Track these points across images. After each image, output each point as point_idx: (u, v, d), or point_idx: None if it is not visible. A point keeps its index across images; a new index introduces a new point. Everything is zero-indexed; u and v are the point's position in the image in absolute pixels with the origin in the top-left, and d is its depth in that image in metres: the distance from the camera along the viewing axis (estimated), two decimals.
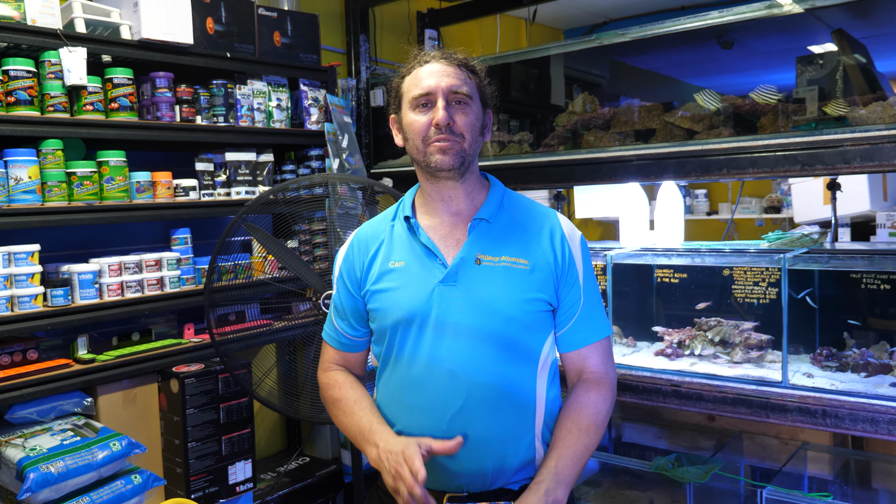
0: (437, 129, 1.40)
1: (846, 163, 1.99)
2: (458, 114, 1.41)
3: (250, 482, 2.59)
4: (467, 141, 1.42)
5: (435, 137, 1.40)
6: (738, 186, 5.44)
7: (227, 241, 2.37)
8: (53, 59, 2.22)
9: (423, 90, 1.41)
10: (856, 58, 2.14)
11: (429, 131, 1.41)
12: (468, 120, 1.42)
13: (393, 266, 1.47)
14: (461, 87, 1.42)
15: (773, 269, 2.37)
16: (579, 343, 1.48)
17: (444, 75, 1.42)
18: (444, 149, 1.40)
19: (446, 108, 1.40)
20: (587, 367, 1.49)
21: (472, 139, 1.43)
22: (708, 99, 2.41)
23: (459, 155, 1.41)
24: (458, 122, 1.41)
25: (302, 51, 3.00)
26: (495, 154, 2.93)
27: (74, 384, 2.23)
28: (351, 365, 1.62)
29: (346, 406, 1.51)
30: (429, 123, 1.41)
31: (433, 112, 1.41)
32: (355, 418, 1.48)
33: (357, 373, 1.62)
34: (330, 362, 1.62)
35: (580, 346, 1.48)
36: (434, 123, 1.40)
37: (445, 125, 1.39)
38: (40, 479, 1.90)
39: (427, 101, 1.41)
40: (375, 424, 1.44)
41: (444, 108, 1.40)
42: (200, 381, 2.43)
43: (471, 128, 1.43)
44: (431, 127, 1.40)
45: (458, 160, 1.41)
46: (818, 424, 2.00)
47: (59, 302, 2.23)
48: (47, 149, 2.21)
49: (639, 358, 2.47)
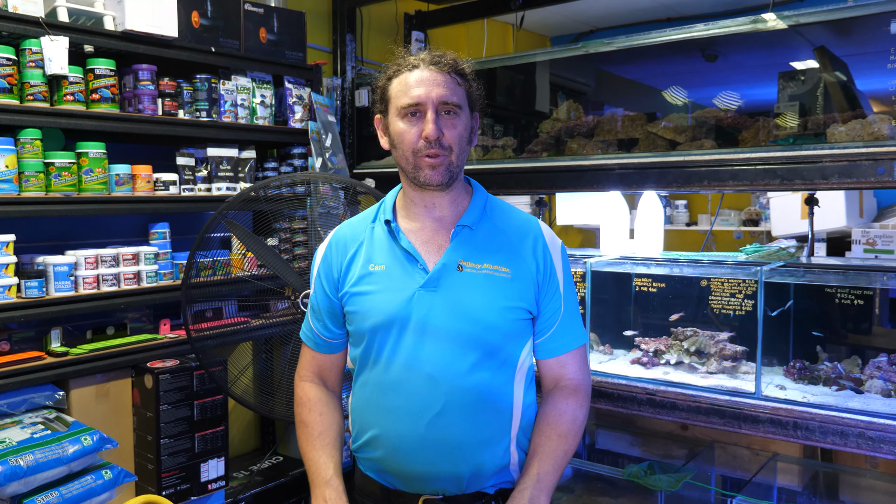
0: (427, 142, 1.39)
1: (824, 178, 2.02)
2: (447, 126, 1.40)
3: (223, 480, 2.57)
4: (455, 154, 1.42)
5: (425, 152, 1.40)
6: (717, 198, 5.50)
7: (206, 237, 2.35)
8: (34, 47, 2.19)
9: (413, 100, 1.39)
10: (837, 75, 2.18)
11: (418, 144, 1.40)
12: (457, 133, 1.41)
13: (373, 269, 1.46)
14: (451, 97, 1.41)
15: (749, 281, 2.39)
16: (558, 351, 1.49)
17: (433, 84, 1.40)
18: (433, 165, 1.40)
19: (436, 122, 1.39)
20: (565, 374, 1.50)
21: (459, 151, 1.42)
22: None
23: (448, 170, 1.41)
24: (448, 135, 1.40)
25: (288, 48, 2.98)
26: (479, 158, 2.94)
27: (46, 377, 2.20)
28: (328, 369, 1.60)
29: (310, 435, 1.51)
30: (418, 136, 1.40)
31: (423, 124, 1.40)
32: (314, 455, 1.49)
33: (333, 379, 1.61)
34: (307, 369, 1.61)
35: (558, 353, 1.49)
36: (424, 137, 1.39)
37: (435, 139, 1.39)
38: (9, 473, 1.87)
39: (416, 111, 1.40)
40: (332, 473, 1.45)
41: (433, 121, 1.39)
42: (175, 377, 2.41)
43: (459, 140, 1.42)
44: (421, 140, 1.40)
45: (447, 176, 1.41)
46: (789, 436, 2.02)
47: (34, 293, 2.19)
48: (25, 138, 2.18)
49: (615, 366, 2.49)
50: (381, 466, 1.46)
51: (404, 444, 1.41)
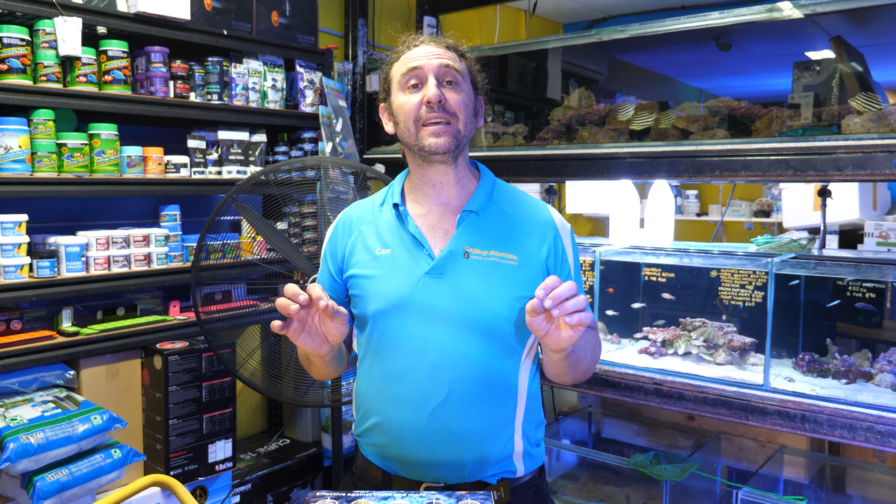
0: (429, 107, 1.37)
1: (838, 170, 2.01)
2: (449, 92, 1.39)
3: (230, 461, 2.59)
4: (461, 121, 1.39)
5: (427, 117, 1.37)
6: (728, 189, 5.47)
7: (216, 220, 2.35)
8: (48, 28, 2.19)
9: (413, 66, 1.39)
10: (853, 66, 2.15)
11: (420, 111, 1.38)
12: (461, 99, 1.39)
13: (379, 253, 1.45)
14: (452, 63, 1.40)
15: (760, 272, 2.38)
16: None
17: (433, 54, 1.40)
18: (437, 132, 1.37)
19: (438, 86, 1.37)
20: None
21: (465, 119, 1.40)
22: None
23: (454, 137, 1.39)
24: (451, 100, 1.38)
25: (299, 32, 2.98)
26: (489, 145, 2.93)
27: (57, 356, 2.22)
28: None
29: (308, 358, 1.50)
30: (420, 103, 1.38)
31: (424, 90, 1.38)
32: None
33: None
34: None
35: None
36: (425, 101, 1.37)
37: (437, 102, 1.36)
38: (20, 450, 1.90)
39: (417, 81, 1.39)
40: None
41: (435, 84, 1.37)
42: (184, 358, 2.42)
43: (464, 107, 1.40)
44: (423, 106, 1.37)
45: (453, 142, 1.39)
46: (797, 429, 2.02)
47: (45, 273, 2.21)
48: (38, 119, 2.19)
49: (623, 355, 2.48)
50: (383, 452, 1.46)
51: (407, 433, 1.40)
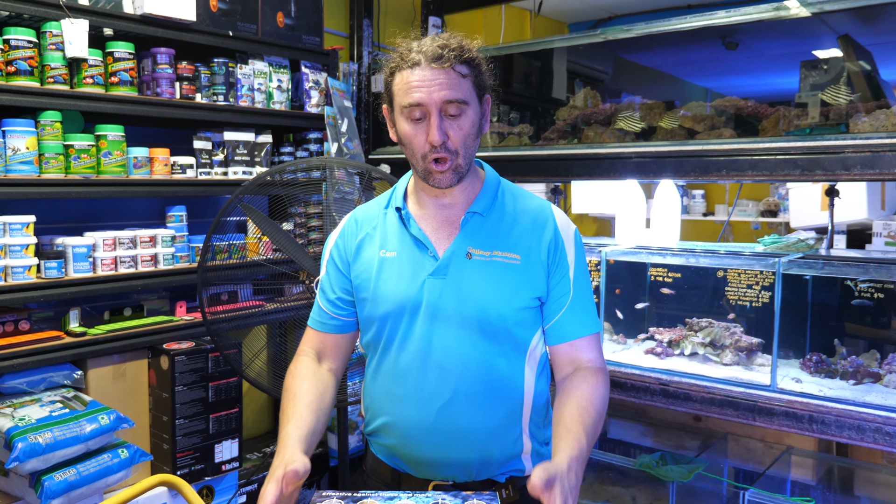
0: (433, 147, 1.37)
1: (846, 169, 1.99)
2: (452, 128, 1.37)
3: (236, 461, 2.59)
4: (461, 156, 1.39)
5: (432, 156, 1.38)
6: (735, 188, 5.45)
7: (222, 221, 2.36)
8: (55, 30, 2.20)
9: (415, 101, 1.36)
10: (861, 64, 2.14)
11: (425, 148, 1.38)
12: (463, 133, 1.38)
13: (384, 255, 1.46)
14: (454, 95, 1.36)
15: (767, 272, 2.37)
16: (569, 335, 1.46)
17: (435, 85, 1.35)
18: (441, 170, 1.38)
19: (439, 126, 1.35)
20: (582, 357, 1.46)
21: (465, 152, 1.40)
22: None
23: (456, 173, 1.40)
24: (453, 137, 1.37)
25: (305, 32, 2.98)
26: (494, 145, 2.93)
27: (65, 356, 2.23)
28: (330, 348, 1.57)
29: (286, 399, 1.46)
30: (424, 140, 1.38)
31: (427, 128, 1.37)
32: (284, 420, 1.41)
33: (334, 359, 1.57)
34: (307, 345, 1.57)
35: (571, 338, 1.46)
36: (429, 142, 1.37)
37: (441, 144, 1.36)
38: (28, 449, 1.90)
39: (420, 114, 1.37)
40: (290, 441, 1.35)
41: (437, 126, 1.35)
42: (190, 358, 2.43)
43: (464, 140, 1.39)
44: (427, 144, 1.38)
45: (455, 178, 1.40)
46: (804, 429, 2.01)
47: (53, 274, 2.22)
48: (46, 120, 2.20)
49: (629, 355, 2.48)
50: (392, 452, 1.47)
51: (414, 432, 1.42)
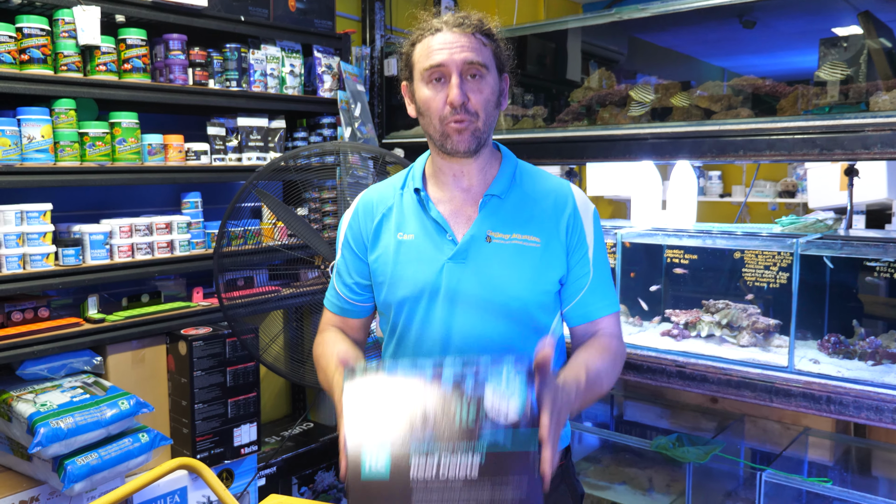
0: (452, 108, 1.36)
1: (866, 148, 1.96)
2: (472, 90, 1.37)
3: (255, 445, 2.62)
4: (482, 119, 1.38)
5: (451, 118, 1.36)
6: (752, 169, 5.39)
7: (237, 207, 2.37)
8: (67, 17, 2.20)
9: (436, 63, 1.36)
10: (881, 41, 2.10)
11: (444, 111, 1.37)
12: (483, 97, 1.37)
13: (402, 238, 1.45)
14: (476, 57, 1.36)
15: (784, 253, 2.35)
16: (590, 316, 1.46)
17: (457, 46, 1.36)
18: (460, 130, 1.36)
19: (461, 86, 1.35)
20: (602, 331, 1.47)
21: (486, 116, 1.39)
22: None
23: (475, 137, 1.38)
24: (473, 99, 1.36)
25: (317, 17, 2.97)
26: (508, 128, 2.91)
27: (84, 343, 2.25)
28: (350, 328, 1.58)
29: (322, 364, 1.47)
30: (444, 102, 1.36)
31: (447, 89, 1.36)
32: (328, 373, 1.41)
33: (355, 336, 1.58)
34: (327, 324, 1.59)
35: (592, 318, 1.46)
36: (448, 103, 1.35)
37: (460, 104, 1.35)
38: (50, 434, 1.93)
39: (440, 76, 1.37)
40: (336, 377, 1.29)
41: (458, 85, 1.35)
42: (208, 344, 2.45)
43: (486, 104, 1.38)
44: (447, 106, 1.36)
45: (474, 143, 1.38)
46: (822, 410, 2.00)
47: (71, 261, 2.24)
48: (60, 108, 2.21)
49: (645, 337, 2.47)
50: None
51: None
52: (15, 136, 2.11)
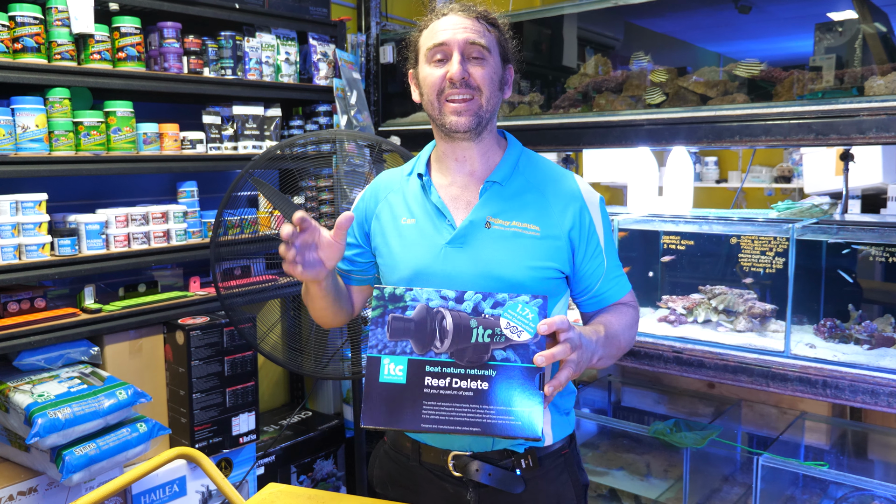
0: (452, 83, 1.36)
1: (861, 133, 1.97)
2: (474, 67, 1.37)
3: (253, 434, 2.63)
4: (484, 96, 1.38)
5: (449, 92, 1.37)
6: (748, 155, 5.39)
7: (233, 196, 2.36)
8: (60, 5, 2.19)
9: (438, 41, 1.37)
10: (876, 26, 2.10)
11: (443, 84, 1.37)
12: (485, 73, 1.38)
13: (404, 223, 1.47)
14: (478, 39, 1.37)
15: (780, 238, 2.35)
16: (607, 301, 1.50)
17: (460, 27, 1.37)
18: (459, 110, 1.37)
19: (462, 63, 1.36)
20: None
21: (489, 94, 1.39)
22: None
23: (476, 115, 1.38)
24: (475, 74, 1.37)
25: (312, 4, 2.95)
26: (505, 115, 2.90)
27: (81, 333, 2.25)
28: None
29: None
30: (443, 77, 1.37)
31: (448, 65, 1.37)
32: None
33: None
34: None
35: (608, 303, 1.51)
36: (448, 77, 1.36)
37: (461, 79, 1.35)
38: (48, 425, 1.94)
39: (443, 55, 1.38)
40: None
41: (459, 61, 1.36)
42: (206, 333, 2.45)
43: (488, 82, 1.38)
44: (446, 81, 1.37)
45: (475, 121, 1.38)
46: (818, 395, 2.01)
47: (67, 251, 2.23)
48: (54, 97, 2.20)
49: (642, 323, 2.47)
50: None
51: None
52: (9, 125, 2.09)
